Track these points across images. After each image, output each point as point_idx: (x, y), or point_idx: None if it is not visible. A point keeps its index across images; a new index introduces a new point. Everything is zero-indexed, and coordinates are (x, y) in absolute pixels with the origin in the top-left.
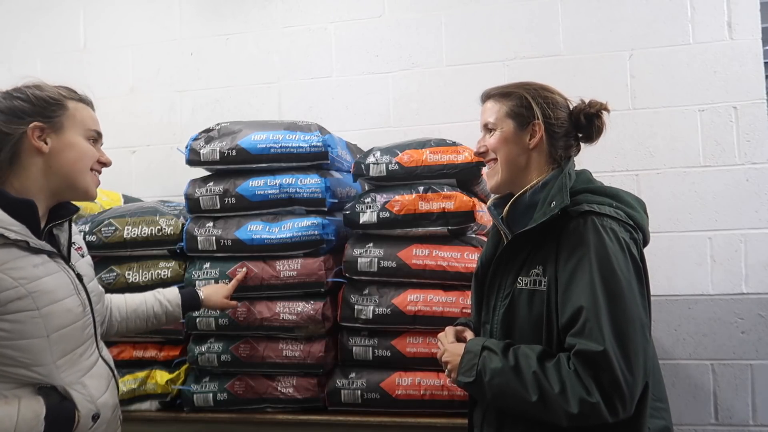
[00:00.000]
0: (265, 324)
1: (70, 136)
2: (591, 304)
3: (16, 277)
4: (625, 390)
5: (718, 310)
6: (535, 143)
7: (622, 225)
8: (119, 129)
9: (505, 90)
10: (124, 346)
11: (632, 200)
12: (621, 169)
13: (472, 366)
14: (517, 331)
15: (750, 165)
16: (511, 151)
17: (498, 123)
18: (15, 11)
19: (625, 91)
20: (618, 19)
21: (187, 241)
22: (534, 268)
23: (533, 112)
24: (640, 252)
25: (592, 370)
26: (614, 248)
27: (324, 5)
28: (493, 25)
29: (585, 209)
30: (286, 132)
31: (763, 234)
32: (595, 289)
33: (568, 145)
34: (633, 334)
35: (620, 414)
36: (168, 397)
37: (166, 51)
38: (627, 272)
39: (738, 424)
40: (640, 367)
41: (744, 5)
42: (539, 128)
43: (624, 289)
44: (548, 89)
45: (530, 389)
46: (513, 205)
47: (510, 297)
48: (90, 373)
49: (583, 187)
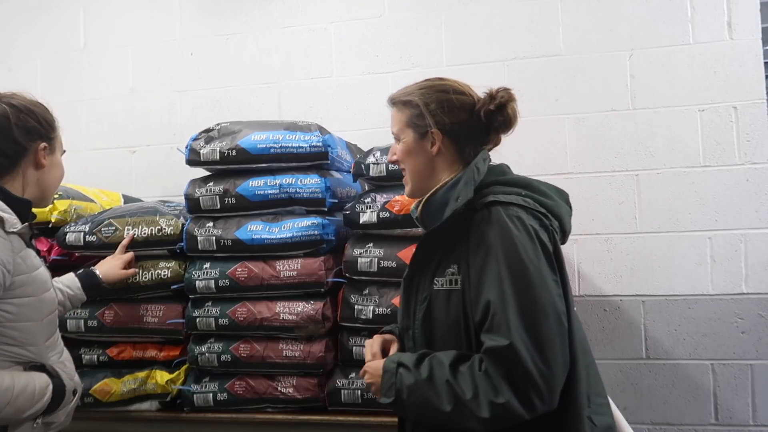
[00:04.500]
0: (265, 324)
1: (57, 155)
2: (498, 297)
3: (28, 265)
4: (540, 383)
5: (718, 310)
6: (436, 150)
7: (531, 212)
8: (119, 129)
9: (404, 97)
10: (124, 346)
11: (547, 189)
12: (621, 169)
13: (390, 386)
14: (438, 335)
15: (750, 165)
16: (415, 162)
17: (400, 133)
18: (15, 11)
19: (625, 91)
20: (618, 19)
21: (187, 241)
22: (449, 267)
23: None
24: (553, 239)
25: (502, 367)
26: (521, 236)
27: (324, 5)
28: (493, 25)
29: (490, 200)
30: (286, 132)
31: (763, 234)
32: (502, 280)
33: (482, 141)
34: (545, 323)
35: (538, 409)
36: (168, 397)
37: (166, 51)
38: (536, 260)
39: (738, 424)
40: (557, 357)
41: (744, 5)
42: (437, 136)
43: (533, 278)
44: (446, 90)
45: (444, 399)
46: (426, 206)
47: (428, 300)
48: (64, 355)
49: (492, 180)
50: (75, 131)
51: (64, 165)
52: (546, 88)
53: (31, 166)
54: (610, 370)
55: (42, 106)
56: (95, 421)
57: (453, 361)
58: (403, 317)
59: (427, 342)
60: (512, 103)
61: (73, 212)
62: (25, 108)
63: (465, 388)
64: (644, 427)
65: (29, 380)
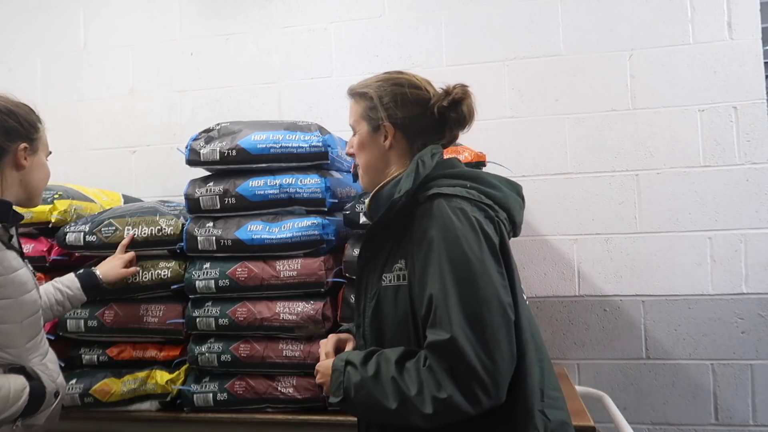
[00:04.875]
0: (265, 324)
1: (41, 156)
2: (440, 290)
3: (5, 266)
4: (484, 376)
5: (718, 310)
6: (389, 144)
7: (475, 204)
8: (119, 129)
9: (360, 89)
10: (124, 346)
11: (497, 181)
12: (621, 169)
13: (339, 385)
14: (387, 331)
15: (750, 165)
16: (369, 156)
17: (355, 125)
18: (15, 11)
19: (625, 91)
20: (618, 19)
21: (187, 241)
22: (397, 263)
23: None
24: (499, 230)
25: (445, 361)
26: (463, 228)
27: (324, 5)
28: (493, 25)
29: (432, 193)
30: (286, 132)
31: (763, 234)
32: (444, 273)
33: (436, 138)
34: (489, 315)
35: (484, 403)
36: (168, 397)
37: (166, 51)
38: (479, 252)
39: (738, 424)
40: (502, 350)
41: (744, 5)
42: (389, 130)
43: (475, 270)
44: (401, 83)
45: (390, 396)
46: (374, 200)
47: (376, 296)
48: (48, 357)
49: (439, 173)
50: (75, 131)
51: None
52: (546, 88)
53: (11, 167)
54: (610, 370)
55: (25, 108)
56: (95, 421)
57: (399, 358)
58: (354, 315)
59: (377, 339)
60: (467, 100)
61: (73, 212)
62: (5, 109)
63: (410, 385)
64: (644, 427)
65: (4, 383)
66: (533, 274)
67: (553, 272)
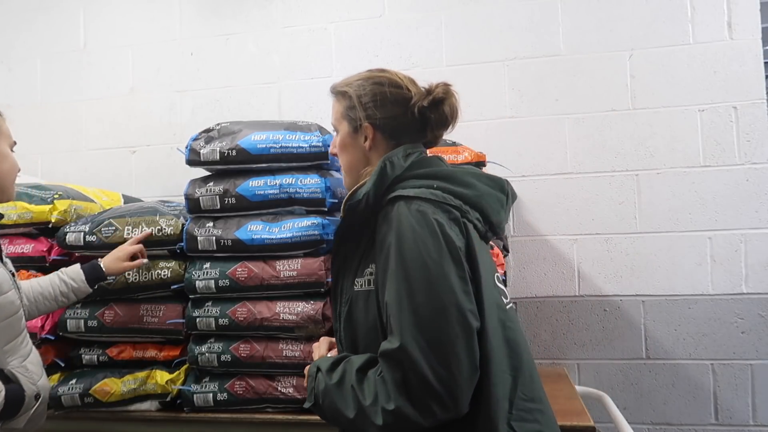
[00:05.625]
0: (265, 324)
1: (2, 147)
2: (394, 297)
3: None
4: (438, 387)
5: (718, 310)
6: (369, 145)
7: (438, 205)
8: (119, 129)
9: (341, 88)
10: (124, 346)
11: (474, 179)
12: (621, 169)
13: (311, 390)
14: (360, 337)
15: (750, 165)
16: (350, 156)
17: (336, 124)
18: (15, 11)
19: (625, 91)
20: (618, 19)
21: (187, 242)
22: (368, 267)
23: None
24: (465, 232)
25: (397, 371)
26: (421, 232)
27: (324, 5)
28: (493, 25)
29: (394, 195)
30: (286, 132)
31: (763, 234)
32: (399, 280)
33: (418, 138)
34: (445, 323)
35: (439, 415)
36: (168, 397)
37: (166, 51)
38: (437, 256)
39: (738, 424)
40: (460, 359)
41: (744, 5)
42: (369, 130)
43: (432, 276)
44: (381, 82)
45: (350, 405)
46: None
47: (349, 301)
48: (29, 359)
49: (410, 173)
50: (75, 131)
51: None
52: (546, 88)
53: None
54: (610, 370)
55: None
56: (95, 421)
57: (362, 366)
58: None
59: (352, 345)
60: (450, 99)
61: (73, 212)
62: None
63: (366, 394)
64: (644, 427)
65: None
66: (533, 274)
67: (553, 272)
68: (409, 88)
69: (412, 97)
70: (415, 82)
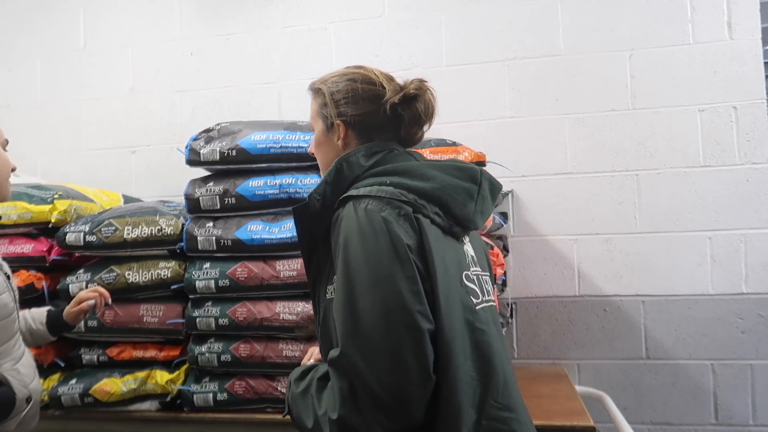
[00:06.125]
0: (265, 324)
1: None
2: (338, 302)
3: None
4: (383, 396)
5: (718, 310)
6: (342, 143)
7: (388, 202)
8: (119, 129)
9: (316, 85)
10: (124, 346)
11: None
12: (621, 169)
13: (286, 399)
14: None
15: (750, 165)
16: (324, 155)
17: (312, 122)
18: (15, 11)
19: (625, 91)
20: (618, 19)
21: (187, 242)
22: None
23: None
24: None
25: (341, 379)
26: (367, 231)
27: (324, 5)
28: (493, 25)
29: (345, 196)
30: (286, 132)
31: (763, 234)
32: (343, 284)
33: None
34: (390, 327)
35: (386, 425)
36: (168, 397)
37: (166, 51)
38: (382, 256)
39: (738, 424)
40: (408, 364)
41: (744, 5)
42: (341, 127)
43: (376, 277)
44: (354, 79)
45: (309, 415)
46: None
47: (324, 310)
48: (21, 361)
49: (369, 173)
50: (75, 131)
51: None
52: (546, 88)
53: None
54: (610, 370)
55: None
56: (95, 421)
57: (324, 375)
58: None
59: (326, 352)
60: (424, 96)
61: (73, 212)
62: None
63: (321, 404)
64: (644, 427)
65: None
66: (533, 274)
67: (553, 272)
68: (384, 84)
69: (385, 93)
70: (393, 79)
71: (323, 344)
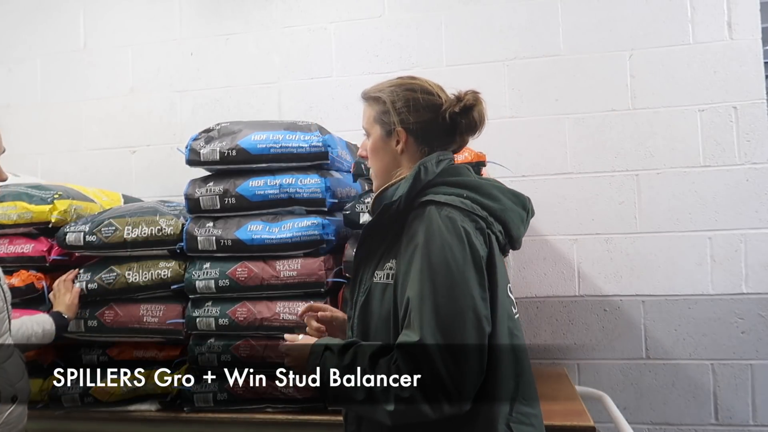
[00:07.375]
0: (265, 324)
1: None
2: (417, 294)
3: None
4: (449, 383)
5: (718, 310)
6: (401, 149)
7: (467, 214)
8: (119, 129)
9: (374, 93)
10: (124, 346)
11: (500, 193)
12: (621, 169)
13: (314, 367)
14: (372, 327)
15: (750, 165)
16: (381, 159)
17: (368, 128)
18: (15, 11)
19: (625, 91)
20: (618, 19)
21: (187, 241)
22: (388, 262)
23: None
24: (488, 242)
25: (412, 363)
26: (449, 237)
27: (324, 5)
28: (493, 25)
29: (426, 199)
30: (286, 132)
31: (763, 234)
32: (423, 278)
33: (447, 142)
34: (461, 325)
35: (446, 410)
36: (168, 397)
37: (166, 51)
38: (462, 261)
39: (738, 424)
40: (471, 359)
41: (744, 5)
42: (401, 134)
43: (455, 279)
44: (414, 89)
45: (359, 388)
46: (377, 200)
47: (368, 292)
48: (9, 361)
49: (441, 180)
50: (75, 131)
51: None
52: (546, 88)
53: None
54: (610, 370)
55: None
56: (95, 421)
57: (374, 352)
58: (348, 307)
59: (363, 333)
60: (479, 106)
61: (73, 212)
62: None
63: (379, 380)
64: (644, 427)
65: None
66: (533, 274)
67: (553, 272)
68: (440, 94)
69: (442, 103)
70: (444, 89)
71: (359, 323)
